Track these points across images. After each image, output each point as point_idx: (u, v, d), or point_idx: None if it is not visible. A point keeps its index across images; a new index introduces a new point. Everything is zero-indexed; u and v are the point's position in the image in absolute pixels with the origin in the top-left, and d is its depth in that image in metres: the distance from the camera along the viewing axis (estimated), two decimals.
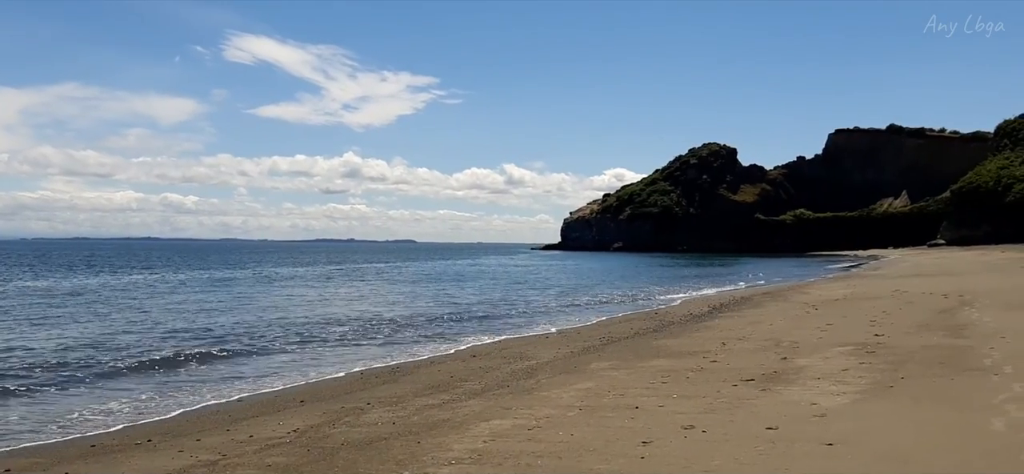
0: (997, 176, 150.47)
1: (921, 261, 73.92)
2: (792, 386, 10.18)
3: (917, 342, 13.88)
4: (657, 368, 12.57)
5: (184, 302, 33.00)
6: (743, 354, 13.76)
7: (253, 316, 26.88)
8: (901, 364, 11.48)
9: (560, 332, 21.60)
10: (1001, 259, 61.96)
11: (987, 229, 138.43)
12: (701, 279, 56.96)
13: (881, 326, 17.24)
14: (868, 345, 13.89)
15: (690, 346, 15.52)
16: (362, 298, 36.64)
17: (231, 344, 19.28)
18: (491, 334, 21.65)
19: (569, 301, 35.34)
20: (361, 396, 11.70)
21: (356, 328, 23.18)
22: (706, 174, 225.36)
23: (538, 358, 15.13)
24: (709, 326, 20.11)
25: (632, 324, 22.27)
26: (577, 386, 11.17)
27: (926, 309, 20.88)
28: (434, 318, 26.48)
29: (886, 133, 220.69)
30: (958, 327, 16.10)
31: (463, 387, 11.92)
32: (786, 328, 18.11)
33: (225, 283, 48.73)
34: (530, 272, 73.95)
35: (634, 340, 17.60)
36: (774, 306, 26.22)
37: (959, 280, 35.63)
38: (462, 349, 18.18)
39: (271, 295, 38.24)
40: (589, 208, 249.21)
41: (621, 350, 15.63)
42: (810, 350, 13.74)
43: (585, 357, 14.78)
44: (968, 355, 12.00)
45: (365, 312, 28.74)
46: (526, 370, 13.46)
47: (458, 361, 15.59)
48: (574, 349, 16.41)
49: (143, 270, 68.78)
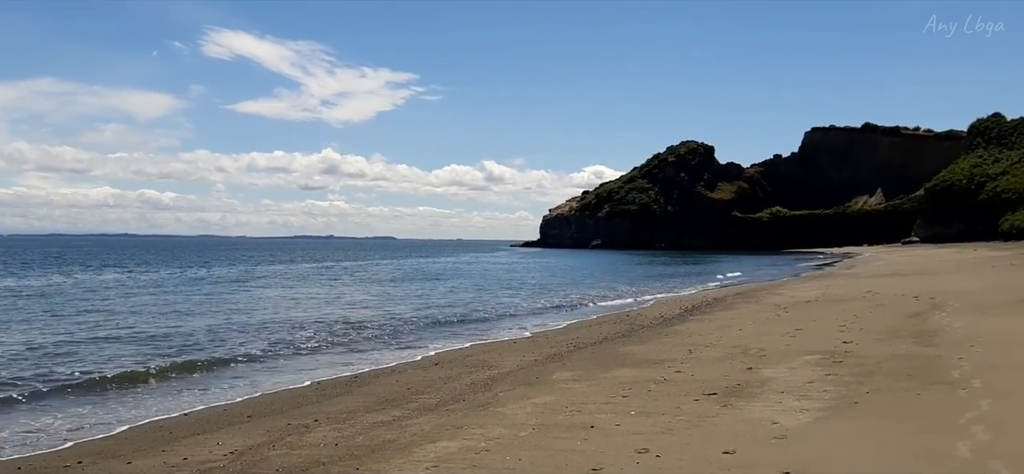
0: (970, 174, 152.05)
1: (895, 260, 74.29)
2: (754, 401, 9.83)
3: (885, 350, 13.61)
4: (620, 379, 12.21)
5: (149, 304, 32.32)
6: (709, 363, 13.43)
7: (217, 319, 26.30)
8: (868, 376, 11.18)
9: (529, 336, 21.25)
10: (973, 258, 62.36)
11: (960, 227, 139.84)
12: (676, 278, 56.86)
13: (850, 331, 16.99)
14: (836, 353, 13.60)
15: (657, 353, 15.18)
16: (332, 300, 36.08)
17: (190, 350, 18.75)
18: (459, 339, 21.24)
19: (542, 303, 34.98)
20: (311, 411, 11.26)
21: (321, 333, 22.67)
22: (684, 172, 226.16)
23: (501, 367, 14.74)
24: (678, 331, 19.81)
25: (602, 328, 21.94)
26: (535, 400, 10.79)
27: (897, 313, 20.67)
28: (402, 322, 26.01)
29: (861, 131, 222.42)
30: (928, 333, 15.87)
31: (418, 401, 11.50)
32: (755, 333, 17.82)
33: (196, 283, 47.98)
34: (507, 270, 73.60)
35: (601, 346, 17.25)
36: (746, 308, 25.97)
37: (931, 280, 35.62)
38: (428, 355, 17.76)
39: (240, 296, 37.61)
40: (568, 205, 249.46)
41: (586, 358, 15.27)
42: (777, 359, 13.43)
43: (549, 366, 14.40)
44: (936, 366, 11.73)
45: (332, 315, 28.22)
46: (486, 381, 13.05)
47: (419, 370, 15.17)
48: (539, 356, 16.03)
49: (115, 268, 67.73)
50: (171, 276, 56.09)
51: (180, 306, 31.34)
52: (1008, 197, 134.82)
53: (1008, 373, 10.78)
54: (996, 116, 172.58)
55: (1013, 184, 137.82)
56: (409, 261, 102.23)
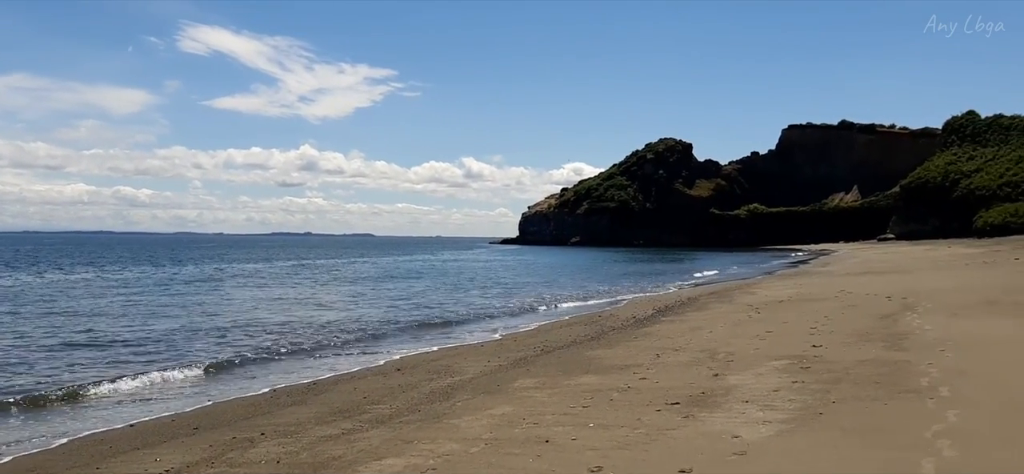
0: (945, 171, 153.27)
1: (870, 257, 74.55)
2: (717, 412, 9.51)
3: (854, 355, 13.35)
4: (583, 387, 11.86)
5: (112, 306, 31.66)
6: (675, 369, 13.12)
7: (179, 322, 25.75)
8: (835, 383, 10.90)
9: (499, 339, 20.90)
10: (947, 255, 62.64)
11: (935, 223, 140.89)
12: (652, 277, 56.70)
13: (820, 334, 16.75)
14: (804, 358, 13.33)
15: (624, 358, 14.85)
16: (302, 301, 35.56)
17: (146, 356, 18.27)
18: (426, 343, 20.88)
19: (515, 303, 34.65)
20: (260, 423, 10.83)
21: (286, 336, 22.23)
22: (662, 169, 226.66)
23: (464, 373, 14.37)
24: (648, 333, 19.51)
25: (573, 330, 21.61)
26: (493, 411, 10.42)
27: (868, 314, 20.47)
28: (371, 324, 25.58)
29: (837, 129, 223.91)
30: (898, 336, 15.64)
31: (372, 412, 11.09)
32: (724, 336, 17.55)
33: (163, 284, 47.24)
34: (484, 269, 73.27)
35: (569, 350, 16.91)
36: (718, 309, 25.74)
37: (905, 279, 35.57)
38: (392, 360, 17.37)
39: (207, 297, 37.00)
40: (547, 202, 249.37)
41: (552, 363, 14.92)
42: (744, 364, 13.14)
43: (513, 372, 14.04)
44: (905, 372, 11.47)
45: (300, 318, 27.75)
46: (446, 389, 12.67)
47: (380, 377, 14.76)
48: (505, 361, 15.67)
49: (85, 268, 66.74)
50: (141, 276, 55.28)
51: (144, 308, 30.74)
52: (982, 194, 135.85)
53: (976, 380, 10.53)
54: (970, 114, 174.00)
55: (987, 181, 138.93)
56: (386, 259, 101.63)
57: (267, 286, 45.76)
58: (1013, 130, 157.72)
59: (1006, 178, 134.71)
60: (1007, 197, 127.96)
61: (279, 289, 43.32)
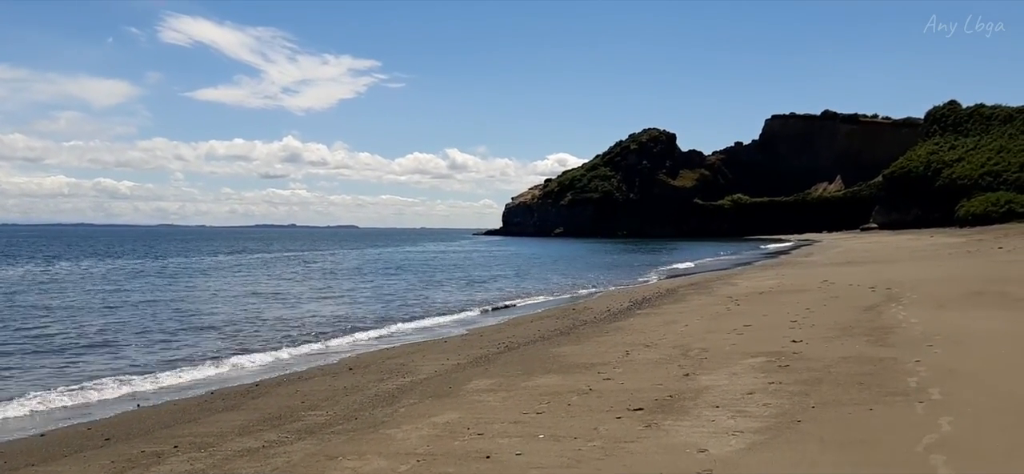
0: (927, 161, 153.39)
1: (853, 246, 74.00)
2: (684, 419, 8.53)
3: (837, 351, 12.41)
4: (541, 390, 10.86)
5: (65, 302, 30.36)
6: (644, 368, 12.14)
7: (135, 317, 24.57)
8: (815, 384, 9.94)
9: (463, 334, 19.87)
10: (930, 244, 62.10)
11: (917, 213, 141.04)
12: (633, 267, 55.82)
13: (801, 328, 15.83)
14: (783, 355, 12.38)
15: (590, 356, 13.86)
16: (270, 295, 34.38)
17: (84, 354, 17.14)
18: (389, 339, 19.87)
19: (486, 296, 33.61)
20: (179, 433, 9.77)
21: (246, 332, 21.16)
22: (646, 159, 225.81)
23: (418, 373, 13.34)
24: (621, 327, 18.53)
25: (542, 324, 20.62)
26: (437, 418, 9.39)
27: (851, 306, 19.58)
28: (331, 319, 24.51)
29: (820, 119, 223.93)
30: (883, 330, 14.72)
31: (305, 420, 10.03)
32: (700, 331, 16.60)
33: (133, 277, 45.91)
34: (464, 259, 72.26)
35: (534, 347, 15.90)
36: (696, 301, 24.81)
37: (888, 269, 34.82)
38: (346, 358, 16.31)
39: (173, 292, 35.76)
40: (530, 193, 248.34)
41: (514, 361, 13.91)
42: (718, 362, 12.18)
43: (469, 372, 13.02)
44: (891, 371, 10.53)
45: (265, 312, 26.63)
46: (393, 392, 11.64)
47: (328, 377, 13.69)
48: (464, 359, 14.65)
49: (55, 260, 65.21)
50: (111, 269, 53.88)
51: (101, 303, 29.51)
52: (964, 183, 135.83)
53: (968, 380, 9.60)
54: (952, 104, 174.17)
55: (968, 171, 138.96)
56: (366, 251, 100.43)
57: (238, 279, 44.53)
58: (994, 120, 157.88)
59: (987, 168, 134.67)
60: (988, 186, 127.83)
61: (245, 283, 42.09)
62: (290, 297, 32.89)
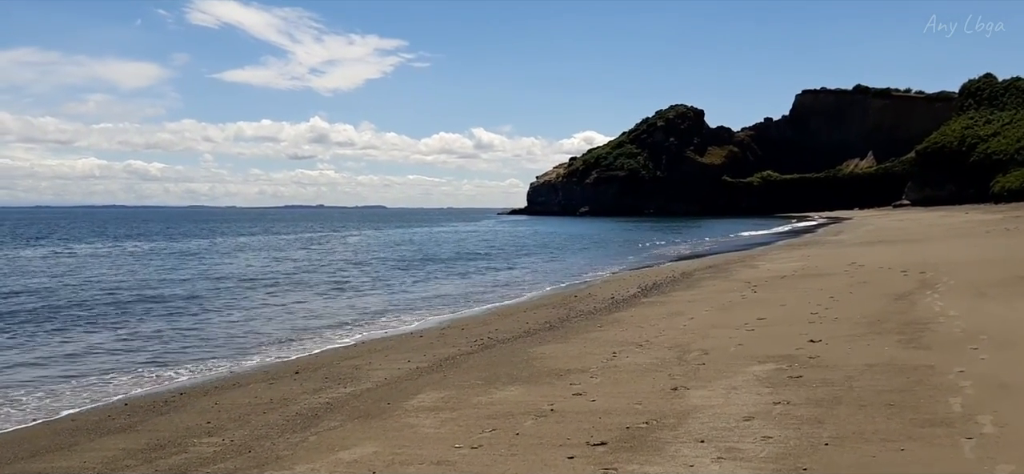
0: (961, 136, 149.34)
1: (883, 224, 71.18)
2: (654, 462, 6.52)
3: (861, 356, 10.32)
4: (495, 408, 8.88)
5: (60, 285, 28.82)
6: (628, 377, 10.12)
7: (111, 302, 22.86)
8: (832, 406, 7.89)
9: (442, 327, 17.88)
10: (964, 222, 59.27)
11: (951, 189, 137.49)
12: (651, 248, 53.53)
13: (822, 322, 13.73)
14: (797, 361, 10.32)
15: (571, 358, 11.86)
16: (257, 278, 32.60)
17: (39, 348, 15.44)
18: (358, 331, 17.92)
19: (487, 280, 31.62)
20: (34, 467, 7.92)
21: (210, 324, 19.37)
22: (673, 136, 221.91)
23: (364, 380, 11.39)
24: (618, 319, 16.49)
25: (533, 315, 18.60)
26: (346, 453, 7.43)
27: (881, 293, 17.41)
28: (312, 311, 22.58)
29: (852, 93, 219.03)
30: (917, 325, 12.59)
31: (193, 451, 8.07)
32: (706, 325, 14.52)
33: (139, 258, 44.52)
34: (481, 240, 70.53)
35: (511, 346, 13.88)
36: (711, 286, 22.71)
37: (921, 249, 32.45)
38: (299, 358, 14.39)
39: (163, 273, 34.17)
40: (555, 172, 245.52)
41: (480, 365, 11.93)
42: (718, 369, 10.14)
43: (422, 381, 11.05)
44: (928, 386, 8.45)
45: (245, 300, 24.84)
46: (319, 409, 9.67)
47: (262, 384, 11.74)
48: (426, 362, 12.70)
49: (73, 242, 64.22)
50: (111, 249, 52.61)
51: (92, 283, 27.93)
52: (999, 159, 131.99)
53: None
54: (988, 77, 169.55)
55: (1004, 146, 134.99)
56: (385, 232, 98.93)
57: (237, 261, 42.91)
58: None
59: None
60: None
61: (247, 264, 40.41)
62: (287, 279, 31.08)
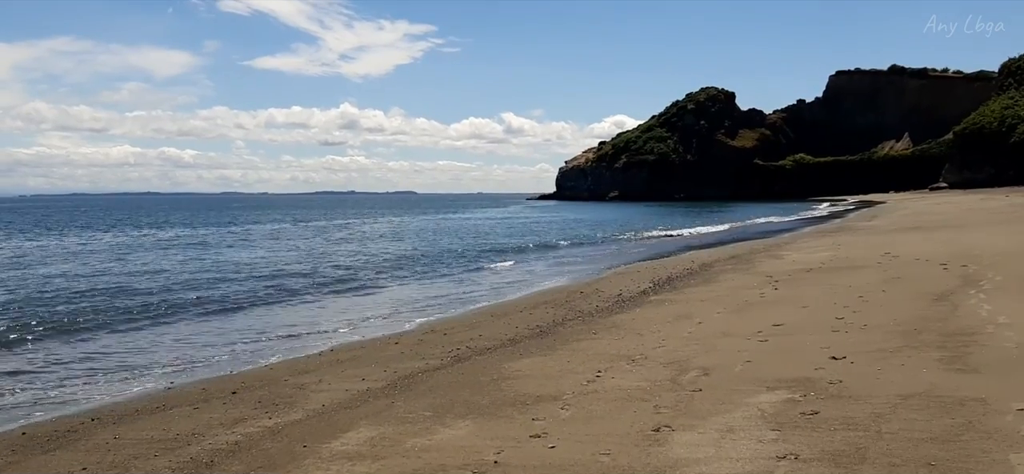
0: (1001, 117, 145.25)
1: (920, 209, 68.40)
2: None
3: (893, 383, 8.40)
4: (426, 458, 7.06)
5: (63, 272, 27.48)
6: (604, 410, 8.27)
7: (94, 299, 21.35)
8: (855, 467, 6.00)
9: (416, 332, 16.07)
10: (1005, 205, 56.47)
11: (990, 172, 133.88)
12: (673, 236, 51.35)
13: (849, 330, 11.79)
14: (814, 387, 8.42)
15: (545, 379, 10.01)
16: (250, 269, 31.04)
17: None
18: (332, 337, 16.17)
19: (491, 274, 29.75)
20: None
21: (182, 324, 17.80)
22: (703, 119, 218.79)
23: (296, 408, 9.53)
24: (616, 324, 14.60)
25: (526, 317, 16.73)
26: None
27: (918, 292, 15.37)
28: (286, 313, 20.89)
29: (888, 74, 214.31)
30: (962, 338, 10.61)
31: None
32: (714, 333, 12.61)
33: (155, 247, 43.33)
34: (502, 227, 68.96)
35: (486, 359, 12.03)
36: (728, 281, 20.74)
37: (961, 236, 30.17)
38: (246, 371, 12.63)
39: (164, 262, 32.79)
40: (584, 157, 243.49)
41: (439, 388, 10.10)
42: (715, 400, 8.26)
43: (363, 409, 9.20)
44: (980, 431, 6.53)
45: (233, 292, 23.26)
46: (223, 451, 7.81)
47: (188, 407, 9.94)
48: (381, 381, 10.88)
49: (89, 230, 63.44)
50: (135, 238, 51.53)
51: (84, 281, 26.56)
52: None
53: None
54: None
55: None
56: (407, 218, 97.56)
57: (244, 249, 41.50)
58: None
59: None
60: None
61: (252, 252, 38.94)
62: (283, 271, 29.48)
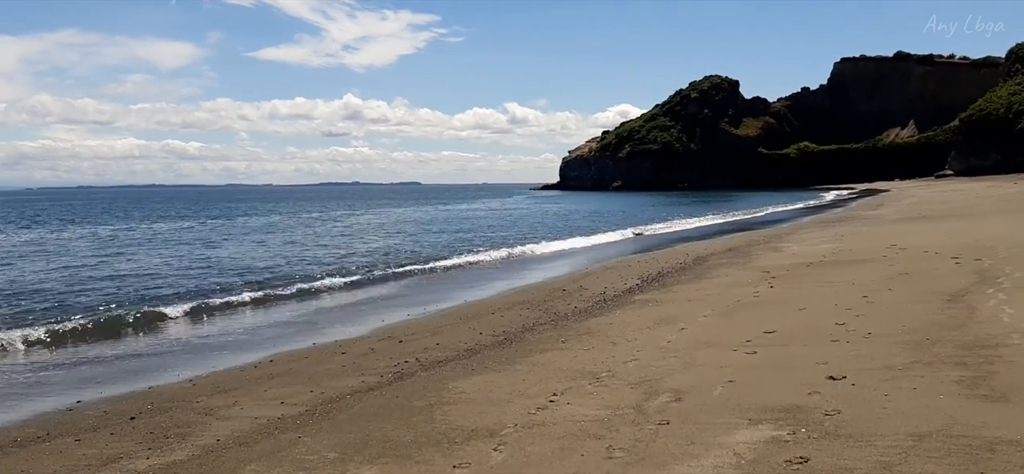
0: (1008, 103, 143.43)
1: (926, 196, 66.70)
2: None
3: (904, 417, 6.83)
4: None
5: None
6: (544, 451, 6.70)
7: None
8: None
9: (379, 336, 14.48)
10: (1014, 193, 54.79)
11: (997, 158, 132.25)
12: (667, 227, 49.71)
13: (850, 340, 10.21)
14: (805, 422, 6.87)
15: (488, 405, 8.44)
16: (214, 267, 29.57)
17: None
18: (282, 341, 14.63)
19: (472, 270, 28.19)
20: None
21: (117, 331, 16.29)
22: (707, 108, 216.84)
23: (186, 445, 7.94)
24: (590, 329, 13.00)
25: (496, 320, 15.11)
26: None
27: (928, 290, 13.79)
28: (246, 323, 19.42)
29: (893, 61, 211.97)
30: (983, 351, 9.04)
31: None
32: (695, 342, 11.03)
33: (123, 246, 41.89)
34: (503, 219, 67.46)
35: (431, 376, 10.41)
36: (722, 277, 19.18)
37: (971, 226, 28.59)
38: (157, 387, 11.09)
39: (118, 261, 31.32)
40: (588, 147, 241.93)
41: (360, 418, 8.49)
42: (684, 439, 6.70)
43: (261, 446, 7.59)
44: None
45: (187, 289, 21.72)
46: None
47: (70, 438, 8.39)
48: (302, 405, 9.29)
49: (78, 224, 62.05)
50: (117, 232, 50.11)
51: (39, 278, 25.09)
52: None
53: None
54: None
55: None
56: (402, 210, 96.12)
57: (218, 245, 39.98)
58: None
59: None
60: None
61: (225, 249, 37.41)
62: (249, 267, 27.96)
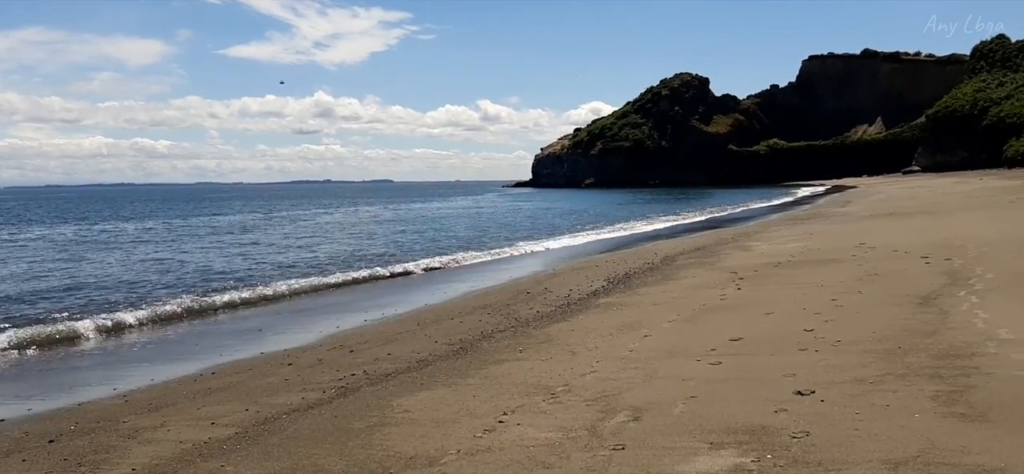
0: (973, 100, 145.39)
1: (894, 193, 67.04)
2: None
3: (878, 442, 6.29)
4: None
5: None
6: None
7: None
8: None
9: (331, 345, 13.75)
10: (982, 189, 55.14)
11: (963, 155, 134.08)
12: (638, 225, 49.31)
13: (818, 349, 9.71)
14: (771, 445, 6.32)
15: (432, 428, 7.79)
16: (161, 270, 28.64)
17: None
18: (235, 349, 13.88)
19: (431, 274, 27.43)
20: None
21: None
22: (678, 105, 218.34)
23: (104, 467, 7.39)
24: (550, 337, 12.39)
25: (454, 326, 14.44)
26: None
27: (898, 293, 13.36)
28: (176, 327, 18.59)
29: (860, 58, 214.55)
30: (958, 360, 8.57)
31: None
32: (658, 351, 10.47)
33: (66, 245, 40.71)
34: (472, 217, 66.81)
35: (375, 391, 9.69)
36: (688, 279, 18.70)
37: (940, 223, 28.46)
38: (87, 403, 10.30)
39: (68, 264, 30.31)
40: (560, 144, 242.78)
41: (292, 441, 7.78)
42: (638, 468, 6.12)
43: None
44: None
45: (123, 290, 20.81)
46: None
47: None
48: (230, 428, 8.50)
49: (37, 224, 60.50)
50: (75, 233, 48.79)
51: None
52: (1012, 122, 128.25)
53: None
54: (1001, 38, 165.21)
55: (1018, 109, 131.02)
56: (372, 209, 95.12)
57: (164, 246, 38.96)
58: None
59: None
60: None
61: (177, 251, 36.42)
62: (192, 271, 27.07)
